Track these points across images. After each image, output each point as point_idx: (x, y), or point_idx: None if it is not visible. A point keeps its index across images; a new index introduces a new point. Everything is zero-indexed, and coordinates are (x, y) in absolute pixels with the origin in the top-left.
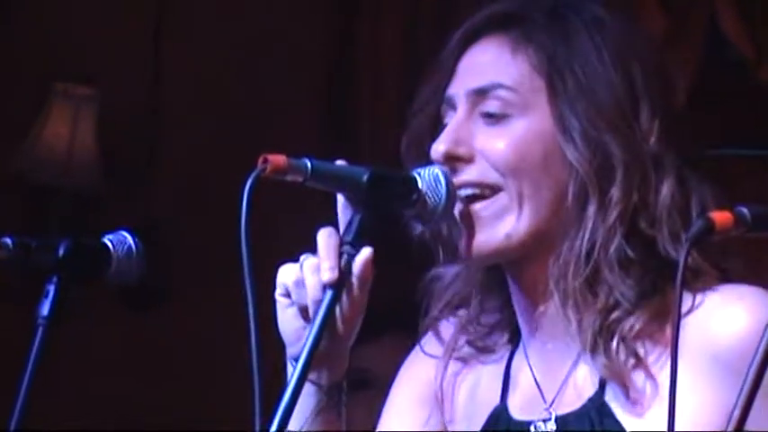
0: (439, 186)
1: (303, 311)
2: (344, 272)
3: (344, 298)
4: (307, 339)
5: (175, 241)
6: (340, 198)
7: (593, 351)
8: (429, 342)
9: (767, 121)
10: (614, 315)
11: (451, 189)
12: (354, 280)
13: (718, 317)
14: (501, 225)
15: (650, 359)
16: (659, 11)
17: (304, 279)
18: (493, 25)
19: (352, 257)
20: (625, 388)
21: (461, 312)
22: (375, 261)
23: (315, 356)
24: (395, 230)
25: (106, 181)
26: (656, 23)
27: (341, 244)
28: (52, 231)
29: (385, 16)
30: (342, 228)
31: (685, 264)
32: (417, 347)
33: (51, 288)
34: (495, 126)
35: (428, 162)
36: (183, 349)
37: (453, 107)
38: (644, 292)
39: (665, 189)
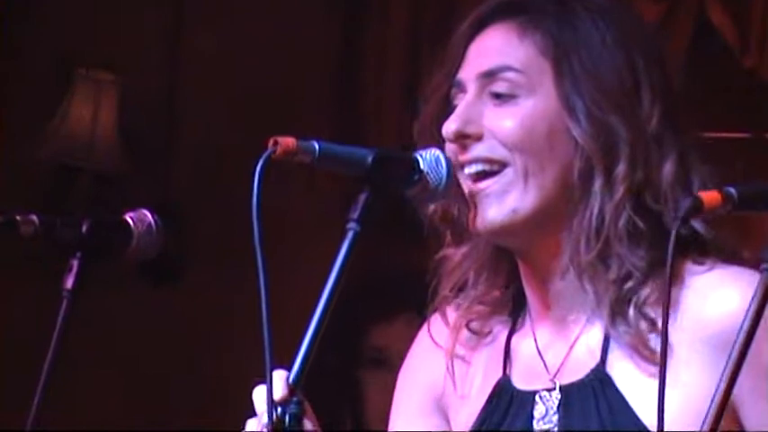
0: (440, 167)
1: None
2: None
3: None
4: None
5: (192, 218)
6: None
7: (613, 320)
8: (436, 325)
9: (751, 105)
10: (628, 285)
11: (451, 169)
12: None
13: (713, 298)
14: (507, 200)
15: (658, 324)
16: (651, 2)
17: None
18: (500, 12)
19: (291, 416)
20: (640, 353)
21: (468, 293)
22: (386, 241)
23: None
24: (407, 212)
25: (126, 161)
26: (648, 13)
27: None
28: (76, 208)
29: (391, 11)
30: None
31: (675, 241)
32: (421, 334)
33: (75, 263)
34: (503, 106)
35: (439, 144)
36: (198, 320)
37: (464, 90)
38: (654, 262)
39: (668, 167)
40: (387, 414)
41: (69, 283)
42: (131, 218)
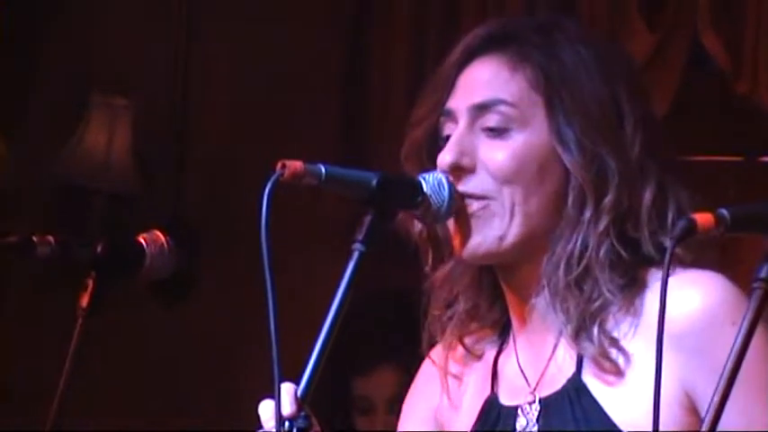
0: (442, 190)
1: None
2: None
3: None
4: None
5: (203, 236)
6: None
7: (577, 336)
8: (436, 350)
9: (743, 129)
10: (596, 305)
11: (453, 193)
12: None
13: (674, 299)
14: (494, 227)
15: (621, 333)
16: (644, 29)
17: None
18: (490, 44)
19: (299, 431)
20: (602, 365)
21: (455, 309)
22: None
23: None
24: (393, 259)
25: (140, 182)
26: (643, 40)
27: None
28: (91, 228)
29: (395, 26)
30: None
31: (669, 262)
32: (425, 362)
33: (90, 282)
34: (496, 139)
35: (426, 169)
36: (209, 337)
37: (454, 120)
38: (625, 285)
39: (648, 195)
40: None
41: (84, 301)
42: (144, 239)
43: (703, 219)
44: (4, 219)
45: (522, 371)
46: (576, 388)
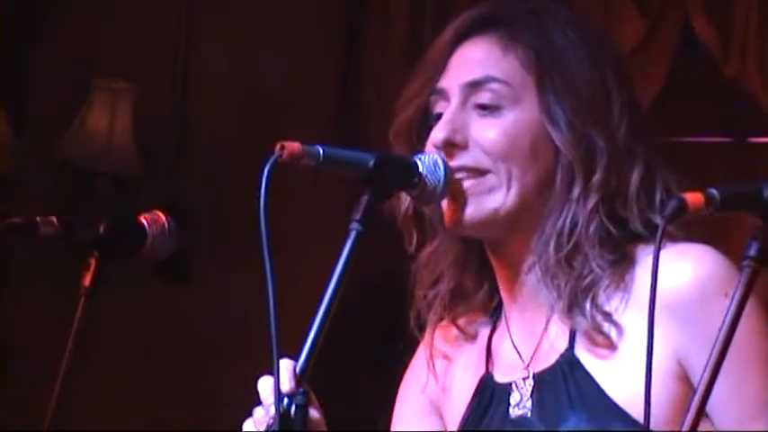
0: (438, 170)
1: None
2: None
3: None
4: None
5: (202, 218)
6: None
7: (569, 312)
8: (427, 335)
9: (732, 111)
10: (587, 280)
11: (449, 172)
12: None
13: (666, 271)
14: (489, 200)
15: (613, 306)
16: (637, 14)
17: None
18: (481, 26)
19: (298, 407)
20: (596, 339)
21: (439, 288)
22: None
23: None
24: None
25: (141, 164)
26: (634, 25)
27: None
28: (94, 209)
29: (391, 21)
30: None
31: (660, 240)
32: (418, 349)
33: (92, 262)
34: (488, 117)
35: (415, 150)
36: (208, 317)
37: (446, 99)
38: (614, 261)
39: (636, 175)
40: None
41: (87, 281)
42: (146, 219)
43: (694, 198)
44: (8, 200)
45: (515, 347)
46: (569, 362)
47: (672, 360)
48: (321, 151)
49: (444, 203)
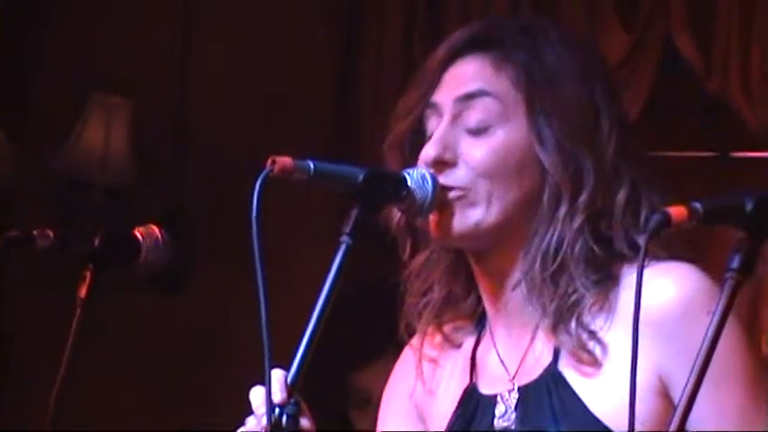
0: (426, 184)
1: None
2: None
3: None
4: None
5: (198, 230)
6: None
7: (555, 329)
8: (414, 341)
9: (713, 127)
10: (572, 299)
11: (436, 187)
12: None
13: (650, 289)
14: (471, 213)
15: (598, 325)
16: (620, 30)
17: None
18: (474, 45)
19: (289, 417)
20: (580, 356)
21: (430, 297)
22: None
23: None
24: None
25: (136, 176)
26: (619, 42)
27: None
28: (90, 220)
29: (386, 26)
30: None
31: (644, 254)
32: (403, 352)
33: (88, 274)
34: (478, 136)
35: (407, 162)
36: (204, 325)
37: (439, 113)
38: (599, 280)
39: (622, 195)
40: None
41: (83, 292)
42: (140, 232)
43: (677, 212)
44: (6, 213)
45: (501, 360)
46: (553, 377)
47: (654, 377)
48: (312, 166)
49: (432, 215)
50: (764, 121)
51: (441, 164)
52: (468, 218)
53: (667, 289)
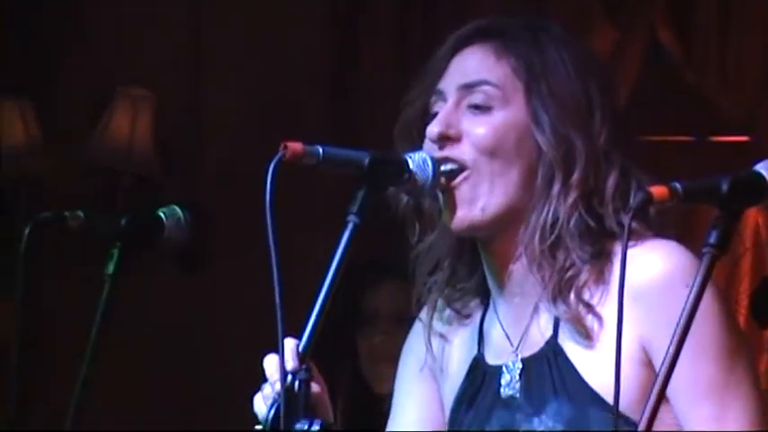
0: (426, 167)
1: None
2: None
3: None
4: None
5: (217, 214)
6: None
7: (554, 302)
8: (424, 313)
9: (693, 113)
10: (570, 273)
11: (437, 169)
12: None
13: (638, 263)
14: (476, 201)
15: (594, 300)
16: (609, 26)
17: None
18: (478, 36)
19: (301, 381)
20: (577, 328)
21: (438, 276)
22: (376, 226)
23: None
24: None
25: (160, 164)
26: (607, 36)
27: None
28: (117, 205)
29: (381, 33)
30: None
31: (629, 229)
32: (414, 326)
33: (115, 252)
34: (479, 115)
35: (415, 145)
36: (220, 304)
37: (444, 99)
38: (594, 254)
39: (612, 178)
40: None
41: (111, 268)
42: (164, 213)
43: (659, 191)
44: (40, 198)
45: (505, 333)
46: (553, 350)
47: (638, 347)
48: (321, 151)
49: (442, 203)
50: (739, 107)
51: (444, 139)
52: (474, 206)
53: (653, 263)
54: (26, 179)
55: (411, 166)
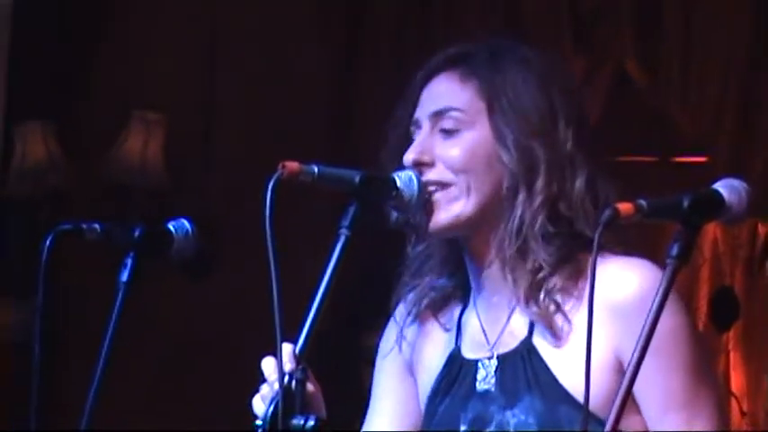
0: (412, 185)
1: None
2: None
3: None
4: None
5: (223, 227)
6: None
7: (527, 302)
8: (399, 309)
9: (656, 134)
10: (540, 275)
11: (422, 186)
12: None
13: (616, 280)
14: (453, 207)
15: (567, 307)
16: (579, 57)
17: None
18: (446, 64)
19: (297, 381)
20: (549, 329)
21: (423, 278)
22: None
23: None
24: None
25: (170, 181)
26: (576, 66)
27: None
28: (130, 219)
29: (381, 45)
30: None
31: (598, 243)
32: (390, 321)
33: (129, 261)
34: (449, 139)
35: (401, 166)
36: (224, 310)
37: (419, 126)
38: (562, 258)
39: (579, 182)
40: None
41: (124, 276)
42: (173, 226)
43: (625, 207)
44: (59, 210)
45: (483, 329)
46: (527, 349)
47: (612, 356)
48: (316, 169)
49: (424, 215)
50: (699, 131)
51: (420, 164)
52: (451, 211)
53: (630, 281)
54: (48, 194)
55: (398, 183)
